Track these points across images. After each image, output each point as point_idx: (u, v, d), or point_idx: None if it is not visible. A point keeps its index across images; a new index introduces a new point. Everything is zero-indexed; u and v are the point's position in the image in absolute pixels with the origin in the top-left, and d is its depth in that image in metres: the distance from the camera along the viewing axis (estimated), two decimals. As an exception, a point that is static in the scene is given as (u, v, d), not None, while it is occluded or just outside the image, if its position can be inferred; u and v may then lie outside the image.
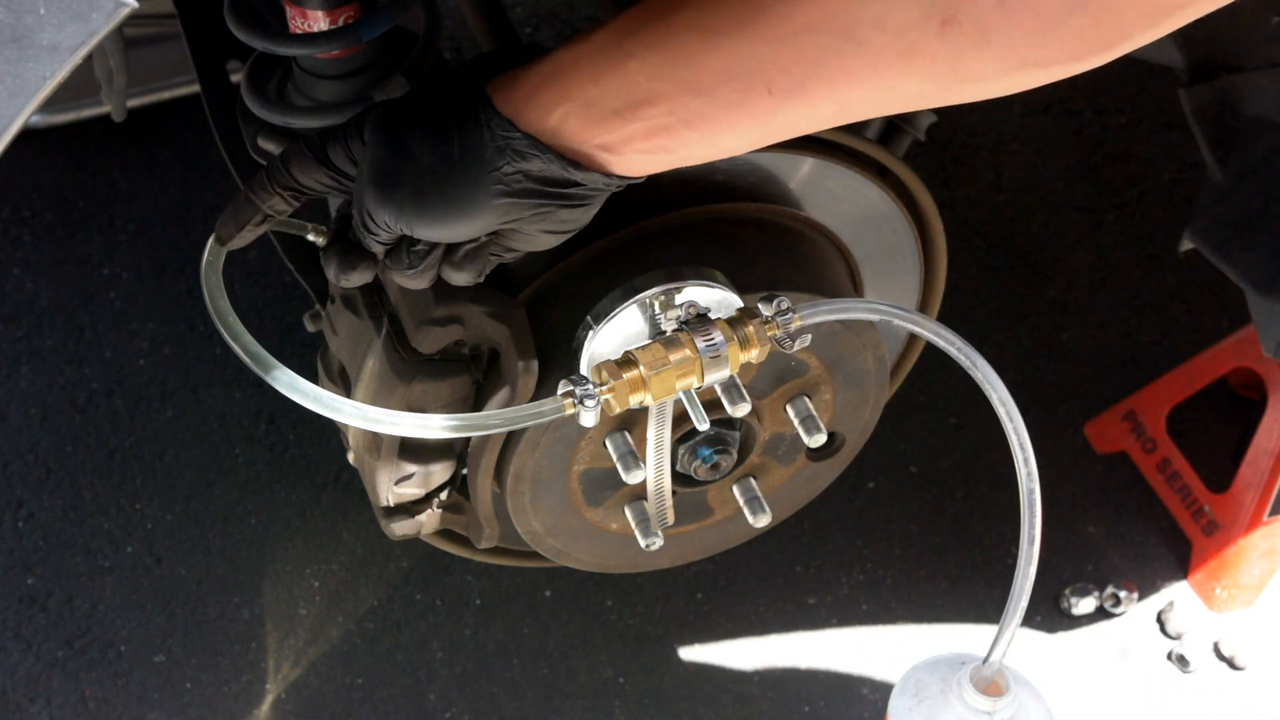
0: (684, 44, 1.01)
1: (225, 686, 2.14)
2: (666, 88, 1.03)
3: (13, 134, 0.98)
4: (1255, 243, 1.76)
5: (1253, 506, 2.25)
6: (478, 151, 1.11)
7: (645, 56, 1.03)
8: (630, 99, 1.05)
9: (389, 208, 1.15)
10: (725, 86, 1.01)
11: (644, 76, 1.03)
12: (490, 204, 1.14)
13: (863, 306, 1.32)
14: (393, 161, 1.14)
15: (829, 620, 2.24)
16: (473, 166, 1.12)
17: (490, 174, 1.12)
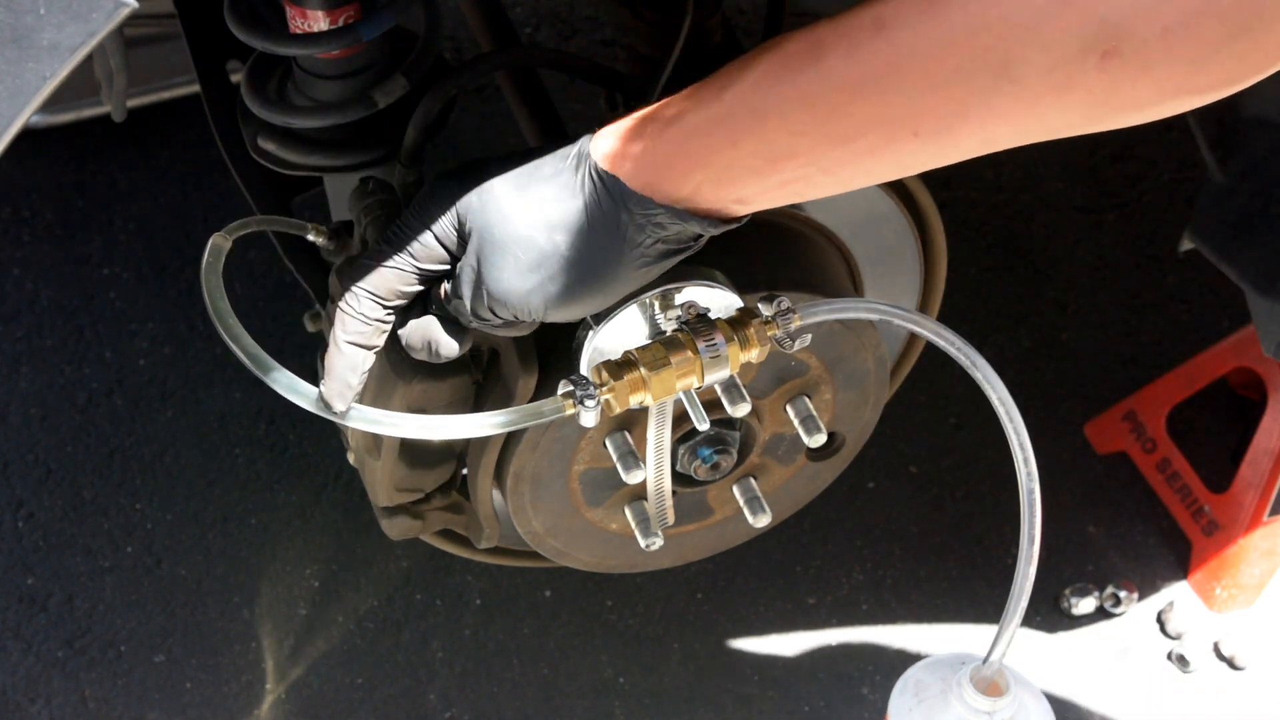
0: (828, 97, 0.97)
1: (225, 686, 2.14)
2: (809, 142, 1.00)
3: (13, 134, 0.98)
4: (1255, 243, 1.76)
5: (1253, 506, 2.25)
6: (617, 233, 1.09)
7: (786, 113, 1.00)
8: (769, 157, 1.02)
9: (528, 303, 1.13)
10: (869, 135, 0.98)
11: (785, 133, 1.00)
12: (630, 276, 1.13)
13: (863, 306, 1.32)
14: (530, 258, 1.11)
15: (829, 620, 2.24)
16: (616, 250, 1.10)
17: (633, 251, 1.10)
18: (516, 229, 1.11)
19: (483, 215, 1.13)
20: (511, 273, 1.12)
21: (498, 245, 1.12)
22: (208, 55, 1.73)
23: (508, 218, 1.12)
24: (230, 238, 1.33)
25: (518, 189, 1.12)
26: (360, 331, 1.20)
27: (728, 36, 1.70)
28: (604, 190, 1.08)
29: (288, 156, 1.62)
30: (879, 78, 0.96)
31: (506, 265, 1.13)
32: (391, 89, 1.53)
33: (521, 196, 1.12)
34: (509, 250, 1.12)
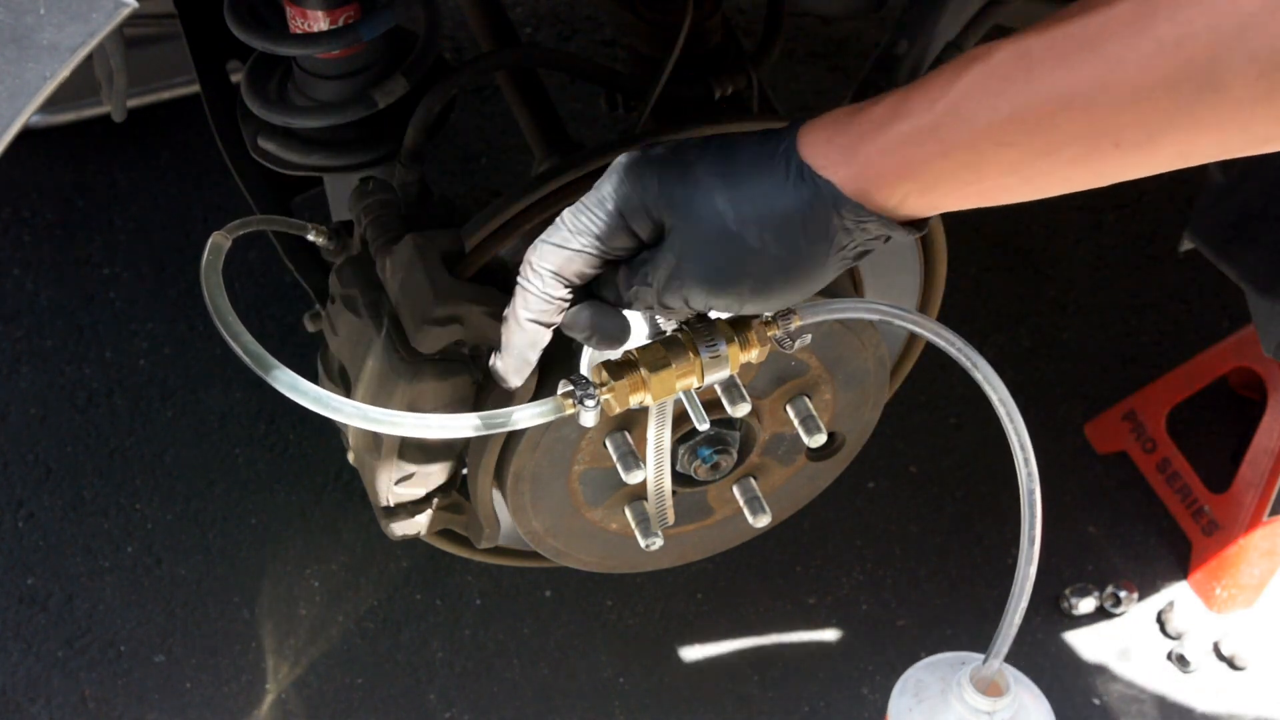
0: (1037, 109, 0.98)
1: (225, 686, 2.14)
2: (1015, 154, 1.01)
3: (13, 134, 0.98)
4: (1255, 243, 1.76)
5: (1253, 506, 2.25)
6: (827, 237, 1.09)
7: (995, 125, 1.00)
8: (976, 167, 1.03)
9: (726, 295, 1.13)
10: (1073, 146, 0.99)
11: (992, 145, 1.01)
12: (829, 276, 1.13)
13: (863, 306, 1.32)
14: (731, 252, 1.11)
15: (829, 620, 2.24)
16: (823, 251, 1.10)
17: (837, 253, 1.11)
18: (726, 225, 1.10)
19: (688, 208, 1.12)
20: (717, 268, 1.12)
21: (705, 240, 1.11)
22: (208, 55, 1.73)
23: (718, 213, 1.11)
24: (230, 237, 1.33)
25: (725, 183, 1.11)
26: (542, 310, 1.19)
27: (727, 36, 1.70)
28: (817, 193, 1.08)
29: (288, 156, 1.62)
30: (1087, 90, 0.96)
31: (712, 261, 1.12)
32: (391, 89, 1.53)
33: (731, 191, 1.11)
34: (716, 246, 1.11)
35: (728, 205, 1.11)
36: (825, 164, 1.08)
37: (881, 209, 1.08)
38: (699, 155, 1.12)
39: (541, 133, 1.76)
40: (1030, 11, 1.87)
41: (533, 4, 2.92)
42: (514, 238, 1.46)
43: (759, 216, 1.10)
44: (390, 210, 1.49)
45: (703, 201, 1.11)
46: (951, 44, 1.74)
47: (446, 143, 2.71)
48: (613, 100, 1.70)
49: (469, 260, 1.45)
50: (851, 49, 2.90)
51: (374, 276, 1.47)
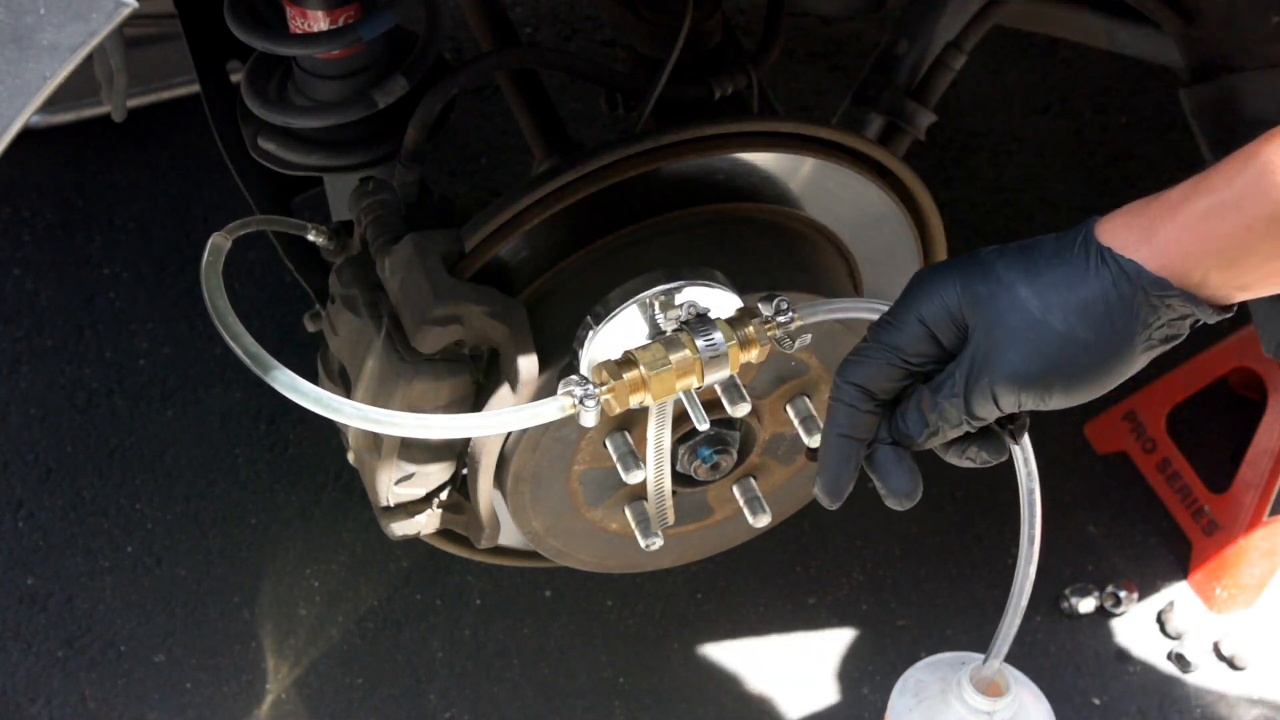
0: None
1: (225, 686, 2.14)
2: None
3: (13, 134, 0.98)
4: (1255, 243, 1.75)
5: (1253, 506, 2.25)
6: (1134, 316, 1.08)
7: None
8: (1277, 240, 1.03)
9: (1036, 389, 1.11)
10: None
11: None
12: (1136, 361, 1.12)
13: (863, 306, 1.32)
14: (1039, 342, 1.10)
15: (829, 620, 2.24)
16: (1130, 333, 1.09)
17: (1144, 334, 1.09)
18: (1031, 313, 1.10)
19: (992, 304, 1.11)
20: (1025, 360, 1.11)
21: (1011, 332, 1.11)
22: (208, 55, 1.73)
23: (1021, 304, 1.10)
24: (230, 237, 1.33)
25: (1027, 275, 1.11)
26: (852, 425, 1.20)
27: (727, 36, 1.70)
28: (1120, 273, 1.08)
29: (288, 156, 1.62)
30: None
31: (1020, 352, 1.11)
32: (391, 89, 1.53)
33: (1033, 282, 1.10)
34: (1022, 334, 1.10)
35: (1031, 294, 1.10)
36: (1125, 245, 1.08)
37: (1186, 285, 1.07)
38: (999, 255, 1.12)
39: (541, 133, 1.76)
40: (1030, 11, 1.87)
41: (533, 4, 2.92)
42: (514, 238, 1.46)
43: (1064, 301, 1.09)
44: (390, 210, 1.49)
45: (1006, 294, 1.11)
46: (951, 44, 1.74)
47: (446, 143, 2.71)
48: (613, 100, 1.70)
49: (469, 260, 1.45)
50: (851, 49, 2.90)
51: (374, 276, 1.47)
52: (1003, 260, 1.12)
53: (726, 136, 1.48)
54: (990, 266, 1.12)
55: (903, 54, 1.76)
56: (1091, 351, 1.10)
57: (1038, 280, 1.10)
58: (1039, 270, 1.10)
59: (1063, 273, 1.09)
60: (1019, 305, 1.10)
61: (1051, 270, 1.10)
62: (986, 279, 1.12)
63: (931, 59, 1.76)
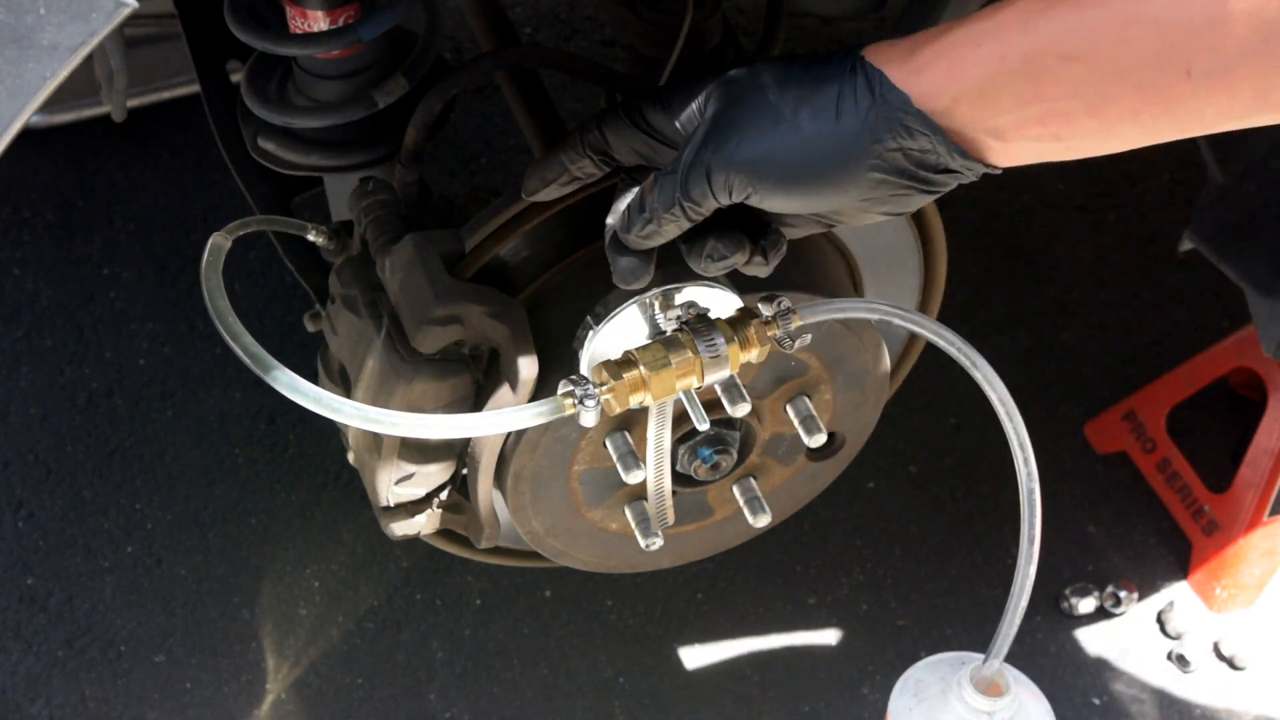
0: (1109, 21, 0.94)
1: (225, 686, 2.14)
2: (1080, 70, 0.96)
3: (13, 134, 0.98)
4: (1255, 243, 1.76)
5: (1253, 506, 2.25)
6: (865, 123, 1.04)
7: (1060, 33, 0.96)
8: (1035, 81, 0.98)
9: (747, 171, 1.08)
10: (1142, 69, 0.94)
11: (1056, 56, 0.96)
12: (863, 178, 1.07)
13: (863, 306, 1.32)
14: (761, 123, 1.07)
15: (829, 620, 2.24)
16: (856, 136, 1.05)
17: (872, 146, 1.05)
18: (766, 100, 1.08)
19: (737, 88, 1.10)
20: (747, 139, 1.08)
21: (742, 112, 1.09)
22: (208, 55, 1.73)
23: (761, 91, 1.09)
24: (230, 237, 1.33)
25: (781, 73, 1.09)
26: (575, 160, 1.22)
27: (727, 36, 1.70)
28: (863, 77, 1.05)
29: (288, 156, 1.62)
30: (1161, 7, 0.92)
31: (745, 131, 1.09)
32: (391, 89, 1.53)
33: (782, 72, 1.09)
34: (751, 118, 1.08)
35: (773, 83, 1.08)
36: (880, 61, 1.05)
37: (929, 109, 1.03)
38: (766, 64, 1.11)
39: (541, 133, 1.76)
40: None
41: (533, 4, 2.92)
42: (514, 238, 1.46)
43: (801, 94, 1.07)
44: (390, 210, 1.49)
45: (749, 79, 1.10)
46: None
47: (446, 143, 2.71)
48: (613, 100, 1.70)
49: (469, 260, 1.45)
50: (851, 49, 2.90)
51: (374, 276, 1.47)
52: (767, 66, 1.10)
53: (726, 136, 1.48)
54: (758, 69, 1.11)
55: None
56: (812, 144, 1.06)
57: (788, 69, 1.09)
58: (791, 64, 1.09)
59: (814, 72, 1.07)
60: (758, 91, 1.09)
61: (805, 70, 1.08)
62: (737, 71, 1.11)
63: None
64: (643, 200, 1.15)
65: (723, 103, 1.11)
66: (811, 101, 1.06)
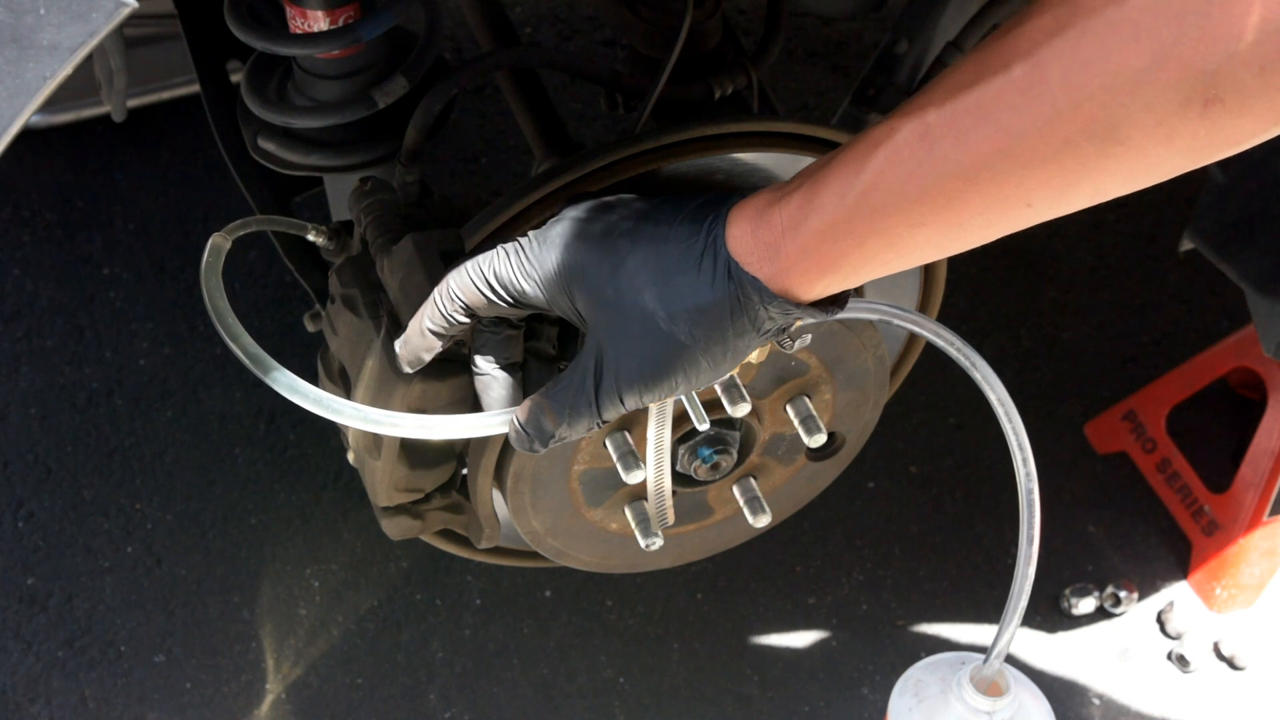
0: (943, 186, 1.00)
1: (225, 686, 2.14)
2: (928, 232, 1.03)
3: (13, 134, 0.98)
4: (1255, 243, 1.76)
5: (1253, 506, 2.25)
6: (754, 327, 1.12)
7: (905, 209, 1.02)
8: (891, 248, 1.06)
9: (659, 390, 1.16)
10: (985, 214, 1.01)
11: (906, 227, 1.03)
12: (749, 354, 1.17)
13: (863, 306, 1.32)
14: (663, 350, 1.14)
15: (829, 620, 2.24)
16: (748, 339, 1.14)
17: (760, 338, 1.14)
18: (657, 326, 1.13)
19: (618, 311, 1.14)
20: (649, 367, 1.15)
21: (635, 338, 1.14)
22: (208, 55, 1.73)
23: (647, 314, 1.13)
24: (230, 237, 1.33)
25: (655, 282, 1.13)
26: (442, 327, 1.23)
27: (727, 36, 1.70)
28: (744, 291, 1.11)
29: (288, 156, 1.62)
30: (990, 162, 0.98)
31: (644, 358, 1.14)
32: (391, 89, 1.53)
33: (660, 288, 1.13)
34: (648, 344, 1.14)
35: (658, 304, 1.13)
36: (750, 260, 1.10)
37: (805, 300, 1.11)
38: (631, 248, 1.14)
39: (541, 133, 1.76)
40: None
41: (533, 4, 2.92)
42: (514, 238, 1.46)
43: (687, 312, 1.12)
44: (390, 210, 1.48)
45: (634, 303, 1.13)
46: (951, 44, 1.74)
47: (446, 143, 2.71)
48: (613, 100, 1.70)
49: (469, 260, 1.45)
50: (851, 49, 2.90)
51: (374, 276, 1.47)
52: (634, 256, 1.14)
53: (726, 136, 1.48)
54: (620, 265, 1.14)
55: (903, 54, 1.76)
56: (710, 354, 1.14)
57: (666, 287, 1.13)
58: (669, 275, 1.12)
59: (689, 281, 1.12)
60: (645, 315, 1.13)
61: (681, 276, 1.12)
62: (617, 277, 1.14)
63: (931, 59, 1.76)
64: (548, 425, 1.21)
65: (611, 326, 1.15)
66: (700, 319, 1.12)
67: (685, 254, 1.12)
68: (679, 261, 1.12)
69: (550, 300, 1.17)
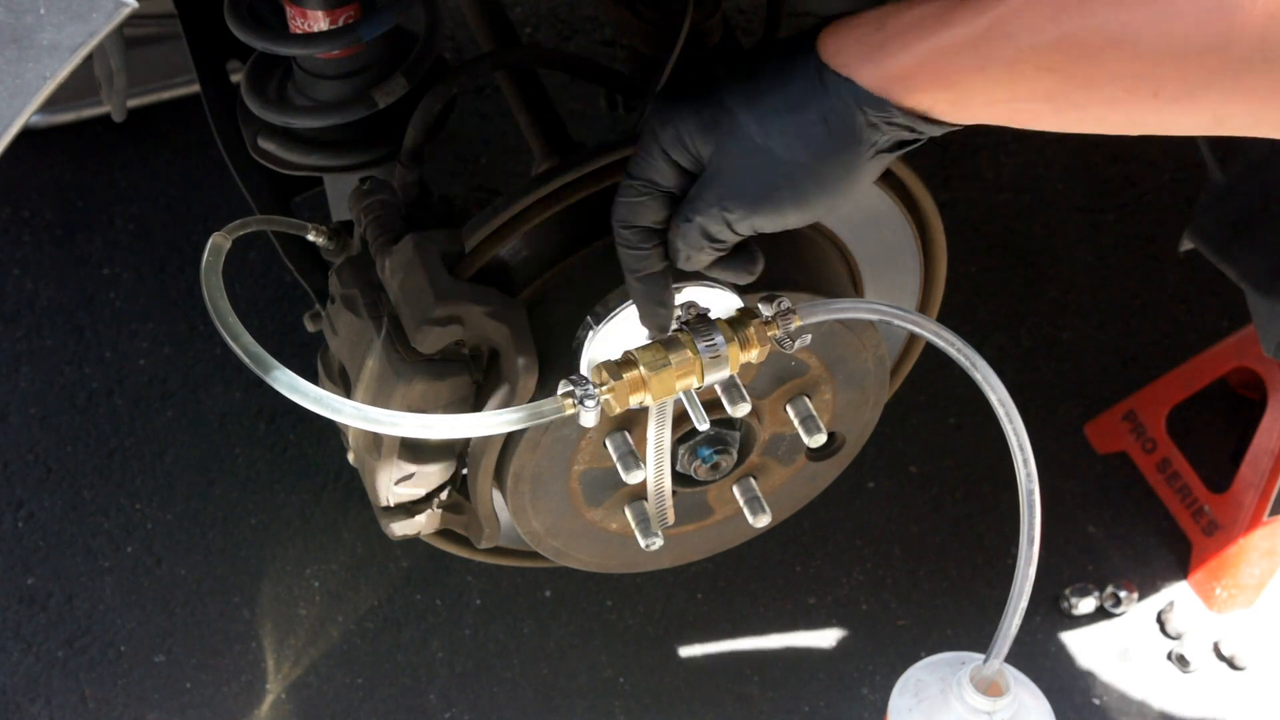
0: (1085, 40, 0.97)
1: (225, 686, 2.14)
2: (1053, 80, 1.00)
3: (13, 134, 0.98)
4: (1255, 243, 1.76)
5: (1253, 506, 2.25)
6: (854, 136, 1.09)
7: (1040, 48, 0.99)
8: (1011, 86, 1.02)
9: (766, 213, 1.14)
10: (1112, 86, 0.98)
11: (1033, 67, 1.00)
12: (867, 169, 1.13)
13: (863, 307, 1.32)
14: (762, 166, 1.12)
15: (829, 620, 2.24)
16: (851, 152, 1.10)
17: (869, 149, 1.10)
18: (753, 142, 1.12)
19: (717, 131, 1.13)
20: (751, 186, 1.13)
21: (735, 160, 1.13)
22: (208, 55, 1.73)
23: (744, 132, 1.12)
24: (230, 237, 1.33)
25: (750, 102, 1.12)
26: (641, 263, 1.23)
27: (727, 36, 1.70)
28: (838, 94, 1.08)
29: (288, 156, 1.62)
30: (1138, 33, 0.95)
31: (745, 179, 1.13)
32: (391, 89, 1.53)
33: (755, 108, 1.11)
34: (747, 161, 1.12)
35: (752, 121, 1.12)
36: (848, 63, 1.08)
37: (908, 109, 1.07)
38: (726, 79, 1.14)
39: (541, 133, 1.76)
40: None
41: (533, 4, 2.92)
42: (514, 238, 1.46)
43: (783, 127, 1.10)
44: (390, 210, 1.49)
45: (729, 122, 1.13)
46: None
47: (446, 143, 2.71)
48: (613, 100, 1.70)
49: (469, 260, 1.45)
50: (851, 49, 2.90)
51: (374, 276, 1.47)
52: (727, 84, 1.13)
53: (726, 136, 1.48)
54: (716, 92, 1.13)
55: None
56: (813, 172, 1.11)
57: (758, 105, 1.11)
58: (760, 95, 1.11)
59: (783, 96, 1.10)
60: (741, 133, 1.12)
61: (773, 94, 1.11)
62: (711, 105, 1.13)
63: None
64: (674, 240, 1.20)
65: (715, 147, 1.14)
66: (797, 133, 1.10)
67: (776, 71, 1.11)
68: (770, 79, 1.11)
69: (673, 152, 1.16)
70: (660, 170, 1.17)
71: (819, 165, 1.11)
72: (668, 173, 1.17)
